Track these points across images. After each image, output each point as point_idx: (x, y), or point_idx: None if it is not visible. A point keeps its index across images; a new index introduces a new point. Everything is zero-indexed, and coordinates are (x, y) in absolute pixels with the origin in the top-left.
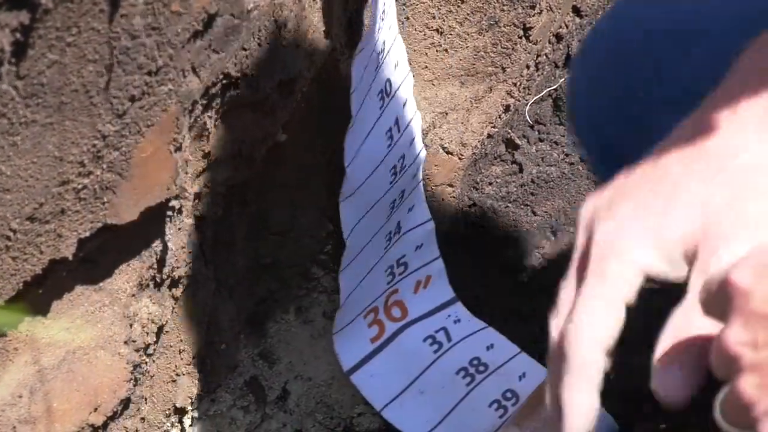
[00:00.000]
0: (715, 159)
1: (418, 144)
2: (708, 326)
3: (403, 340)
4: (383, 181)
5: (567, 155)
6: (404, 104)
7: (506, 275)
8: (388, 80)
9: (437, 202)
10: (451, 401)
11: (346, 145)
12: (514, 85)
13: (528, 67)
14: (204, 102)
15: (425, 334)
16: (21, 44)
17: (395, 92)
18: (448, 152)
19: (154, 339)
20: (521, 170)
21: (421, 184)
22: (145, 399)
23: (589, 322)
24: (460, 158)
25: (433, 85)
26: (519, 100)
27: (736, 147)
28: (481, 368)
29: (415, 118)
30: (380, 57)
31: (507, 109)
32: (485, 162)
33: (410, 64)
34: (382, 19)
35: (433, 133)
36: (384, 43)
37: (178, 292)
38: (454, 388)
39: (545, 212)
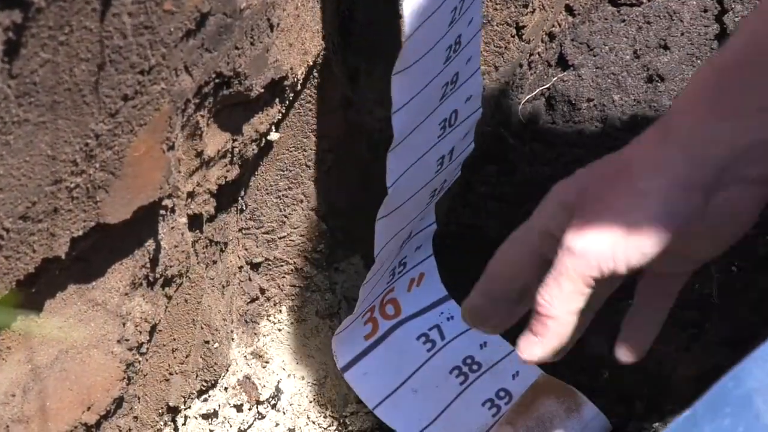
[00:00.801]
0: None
1: (459, 169)
2: None
3: (397, 338)
4: (421, 204)
5: (560, 155)
6: (464, 136)
7: None
8: (455, 111)
9: None
10: (445, 400)
11: (389, 166)
12: (507, 84)
13: (521, 65)
14: (197, 101)
15: (419, 332)
16: (13, 43)
17: (460, 123)
18: None
19: (147, 338)
20: (515, 170)
21: None
22: (138, 398)
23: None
24: None
25: None
26: (512, 100)
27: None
28: (475, 367)
29: (469, 149)
30: (448, 87)
31: (500, 108)
32: (479, 161)
33: None
34: (455, 51)
35: None
36: (457, 75)
37: (171, 291)
38: (447, 387)
39: None
